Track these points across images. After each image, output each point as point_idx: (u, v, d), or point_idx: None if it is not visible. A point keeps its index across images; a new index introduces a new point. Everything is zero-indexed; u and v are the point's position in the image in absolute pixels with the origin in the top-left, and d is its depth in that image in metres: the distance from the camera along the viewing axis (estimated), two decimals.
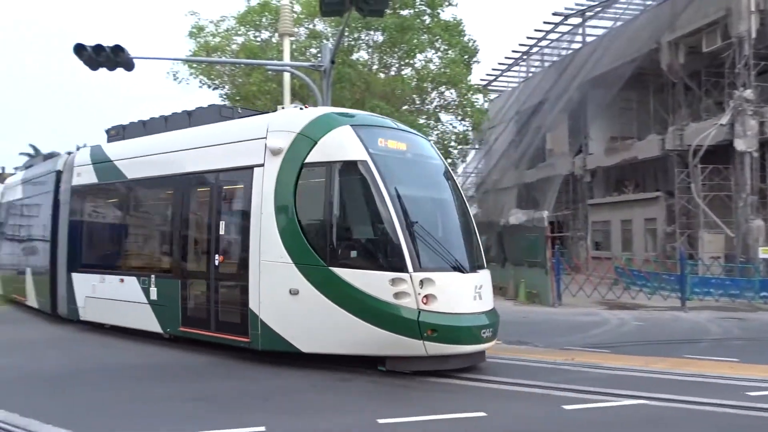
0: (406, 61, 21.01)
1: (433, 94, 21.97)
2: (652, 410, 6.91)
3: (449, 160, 23.03)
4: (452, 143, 22.57)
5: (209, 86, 21.49)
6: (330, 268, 8.39)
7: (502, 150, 35.75)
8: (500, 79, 39.55)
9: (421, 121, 21.07)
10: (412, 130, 10.53)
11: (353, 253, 8.53)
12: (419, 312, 7.95)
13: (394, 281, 8.03)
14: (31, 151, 70.61)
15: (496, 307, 9.10)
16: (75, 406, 7.14)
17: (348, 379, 8.44)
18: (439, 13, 20.78)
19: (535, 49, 35.88)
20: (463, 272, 8.48)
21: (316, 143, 8.79)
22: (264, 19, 20.98)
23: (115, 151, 12.84)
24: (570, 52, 33.20)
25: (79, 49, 13.12)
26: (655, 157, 26.91)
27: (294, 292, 8.61)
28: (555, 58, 34.72)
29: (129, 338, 11.30)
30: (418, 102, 22.34)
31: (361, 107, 18.61)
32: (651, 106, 29.27)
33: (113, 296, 11.89)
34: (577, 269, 23.25)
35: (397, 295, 8.01)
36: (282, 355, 9.07)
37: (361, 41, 20.79)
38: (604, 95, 27.83)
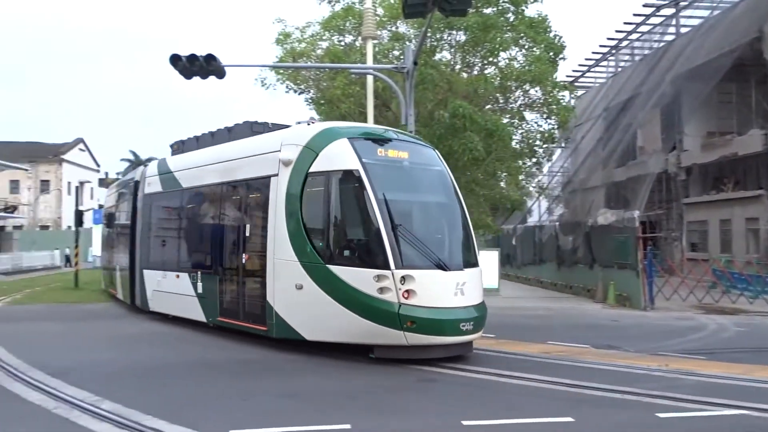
0: (490, 59, 20.70)
1: (518, 93, 21.52)
2: (754, 421, 6.52)
3: (534, 159, 22.59)
4: (537, 142, 22.04)
5: (295, 91, 22.00)
6: (327, 265, 9.44)
7: (589, 148, 34.66)
8: (588, 74, 38.37)
9: (505, 120, 20.73)
10: (418, 141, 11.57)
11: (346, 252, 9.56)
12: (399, 305, 8.83)
13: (378, 277, 8.95)
14: (131, 157, 74.94)
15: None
16: (170, 398, 7.51)
17: (432, 379, 8.45)
18: (523, 10, 20.37)
19: (624, 43, 34.56)
20: (444, 270, 9.23)
21: (318, 155, 9.91)
22: (348, 24, 21.27)
23: (174, 163, 14.79)
24: (662, 44, 31.75)
25: (175, 60, 13.81)
26: (757, 152, 25.31)
27: (299, 287, 9.74)
28: (646, 52, 33.32)
29: (213, 334, 11.78)
30: (501, 101, 21.98)
31: (444, 107, 18.57)
32: (752, 99, 27.53)
33: (171, 290, 13.71)
34: (671, 271, 22.20)
35: (380, 290, 8.92)
36: (357, 354, 9.31)
37: (443, 41, 20.68)
38: (701, 89, 26.45)
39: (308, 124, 10.83)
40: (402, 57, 18.66)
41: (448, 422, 6.43)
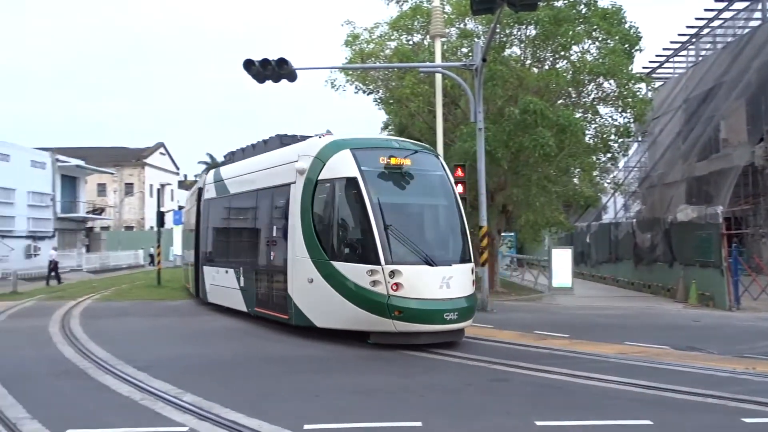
0: (561, 53, 20.23)
1: (591, 86, 20.92)
2: None
3: (609, 154, 21.95)
4: (612, 136, 21.36)
5: (364, 91, 22.20)
6: (331, 262, 10.85)
7: (668, 141, 33.27)
8: (666, 65, 36.80)
9: (578, 115, 20.23)
10: (422, 148, 12.55)
11: (346, 250, 10.86)
12: (388, 296, 10.07)
13: (370, 272, 10.22)
14: (208, 160, 77.29)
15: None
16: (247, 392, 7.77)
17: (504, 379, 8.38)
18: (596, 1, 19.81)
19: (705, 31, 32.98)
20: (431, 265, 10.32)
21: (325, 164, 11.31)
22: (416, 23, 21.28)
23: (224, 172, 16.81)
24: (747, 31, 30.11)
25: (248, 65, 14.24)
26: None
27: (310, 281, 11.25)
28: (729, 39, 31.66)
29: (284, 332, 12.03)
30: (574, 95, 21.45)
31: (514, 104, 18.31)
32: None
33: (222, 284, 15.67)
34: (759, 270, 21.06)
35: (372, 283, 10.18)
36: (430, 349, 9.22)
37: (513, 37, 20.38)
38: None
39: (320, 137, 12.01)
40: (471, 54, 18.52)
41: (521, 422, 6.37)
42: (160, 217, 27.81)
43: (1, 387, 7.95)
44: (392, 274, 10.09)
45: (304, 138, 13.31)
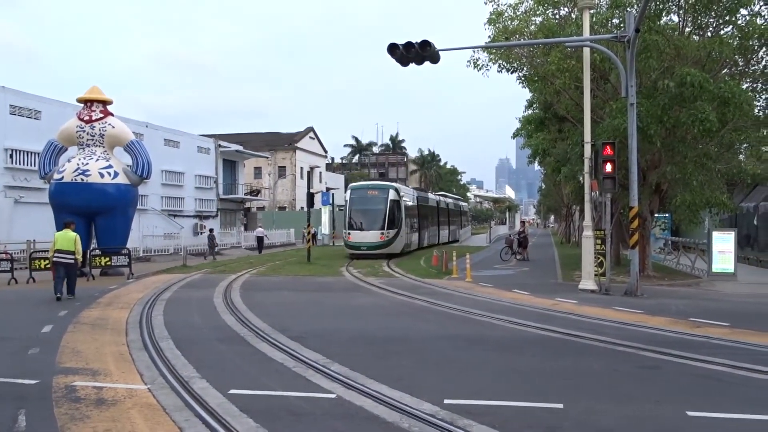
0: (726, 18, 18.52)
1: (761, 53, 19.01)
2: None
3: None
4: None
5: (508, 70, 21.74)
6: (345, 229, 31.73)
7: None
8: None
9: (745, 85, 18.47)
10: (384, 185, 32.96)
11: (346, 224, 31.52)
12: (348, 241, 31.22)
13: (346, 232, 31.50)
14: (353, 143, 79.49)
15: None
16: (392, 366, 8.06)
17: (654, 366, 8.00)
18: None
19: None
20: (361, 231, 30.76)
21: (346, 193, 33.21)
22: None
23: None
24: None
25: (392, 48, 14.52)
26: None
27: (345, 237, 32.08)
28: None
29: (435, 313, 12.26)
30: (741, 64, 19.61)
31: (670, 76, 17.11)
32: None
33: None
34: None
35: (347, 236, 31.33)
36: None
37: (670, 3, 18.94)
38: None
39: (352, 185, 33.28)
40: (622, 25, 17.51)
41: (671, 411, 6.08)
42: (310, 198, 29.36)
43: (176, 349, 8.94)
44: (349, 233, 30.55)
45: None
